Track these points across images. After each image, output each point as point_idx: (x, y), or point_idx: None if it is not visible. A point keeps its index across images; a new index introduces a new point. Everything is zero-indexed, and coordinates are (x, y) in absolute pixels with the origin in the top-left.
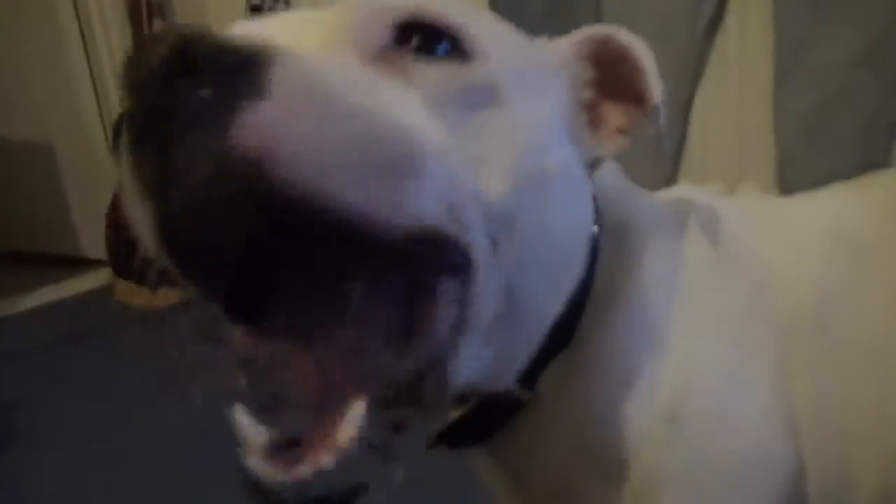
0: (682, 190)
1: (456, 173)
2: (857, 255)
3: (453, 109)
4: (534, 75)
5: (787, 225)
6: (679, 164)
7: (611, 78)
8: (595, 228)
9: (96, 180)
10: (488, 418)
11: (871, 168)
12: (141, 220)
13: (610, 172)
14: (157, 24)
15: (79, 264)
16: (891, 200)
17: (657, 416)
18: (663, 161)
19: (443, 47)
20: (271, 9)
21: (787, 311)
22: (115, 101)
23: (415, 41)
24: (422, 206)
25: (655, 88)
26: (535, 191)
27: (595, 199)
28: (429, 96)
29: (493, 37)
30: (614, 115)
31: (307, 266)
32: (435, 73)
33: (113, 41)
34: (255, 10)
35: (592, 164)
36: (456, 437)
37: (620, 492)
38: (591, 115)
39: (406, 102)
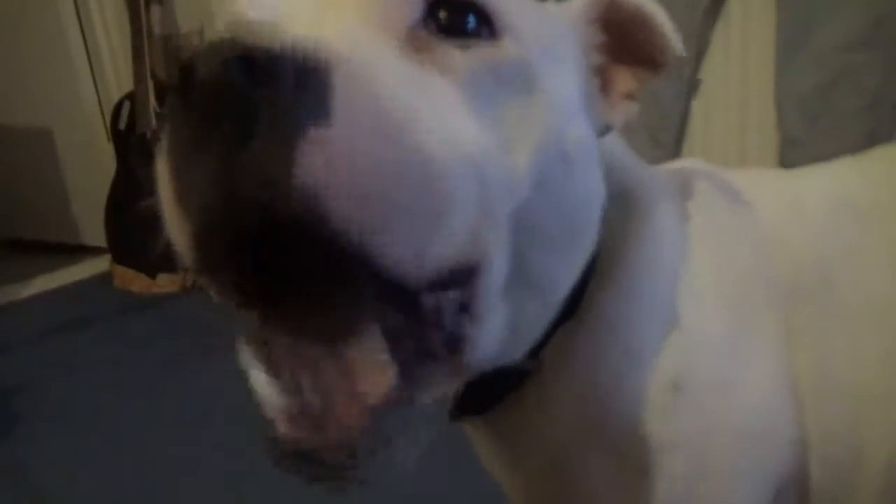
0: (686, 162)
1: (489, 175)
2: (858, 219)
3: (486, 94)
4: (554, 46)
5: (789, 191)
6: (681, 145)
7: (620, 40)
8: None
9: (95, 167)
10: (491, 388)
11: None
12: (177, 221)
13: (614, 142)
14: (155, 11)
15: (77, 252)
16: (890, 168)
17: (661, 386)
18: (664, 141)
19: (471, 21)
20: None
21: (791, 273)
22: (114, 87)
23: (443, 15)
24: (455, 243)
25: (675, 41)
26: (557, 169)
27: (602, 166)
28: (462, 82)
29: (518, 8)
30: (623, 79)
31: (332, 274)
32: (467, 59)
33: (111, 27)
34: None
35: (600, 132)
36: (456, 408)
37: (623, 462)
38: (601, 80)
39: (444, 97)
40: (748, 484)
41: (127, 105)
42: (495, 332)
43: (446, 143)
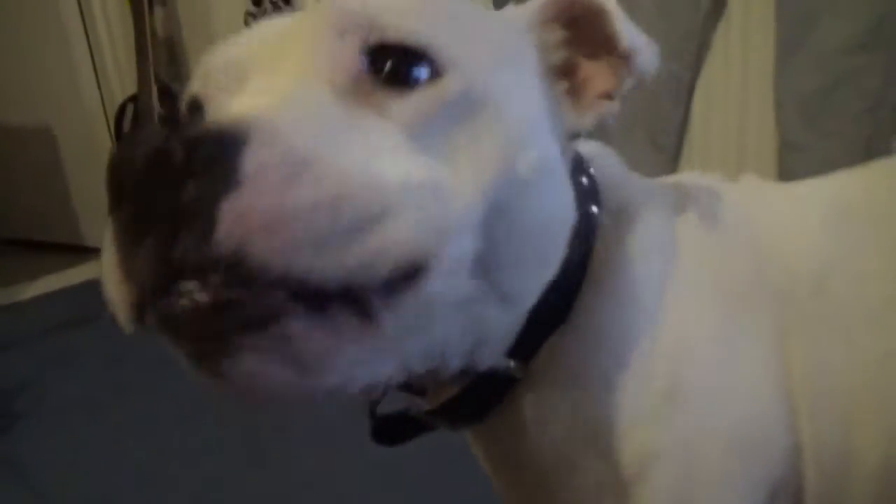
0: (683, 176)
1: (432, 203)
2: (857, 225)
3: (432, 132)
4: (507, 61)
5: (787, 199)
6: (681, 147)
7: (588, 36)
8: (594, 209)
9: (97, 168)
10: (485, 395)
11: (872, 152)
12: (120, 297)
13: (609, 156)
14: (158, 13)
15: (79, 252)
16: (889, 179)
17: (653, 393)
18: (664, 144)
19: (412, 65)
20: None
21: (787, 281)
22: (117, 88)
23: (388, 65)
24: (394, 250)
25: (624, 32)
26: (517, 188)
27: (597, 180)
28: (406, 125)
29: (463, 36)
30: (599, 76)
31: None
32: (409, 103)
33: (114, 27)
34: None
35: (573, 136)
36: (454, 415)
37: (615, 468)
38: (572, 82)
39: (378, 140)
40: (741, 491)
41: (130, 107)
42: (447, 340)
43: (372, 177)
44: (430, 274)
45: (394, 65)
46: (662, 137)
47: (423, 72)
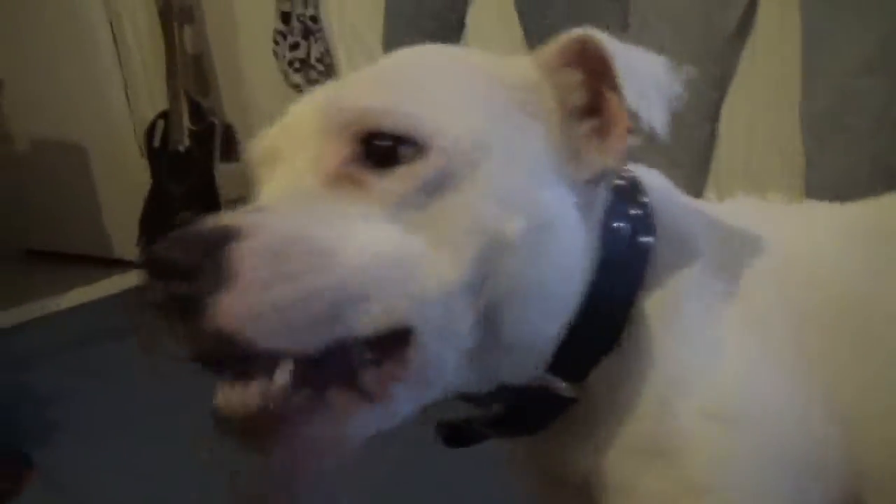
0: (729, 206)
1: (404, 276)
2: (873, 246)
3: (412, 208)
4: (505, 121)
5: (812, 226)
6: (709, 166)
7: (607, 76)
8: (649, 240)
9: (127, 182)
10: (536, 412)
11: (877, 172)
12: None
13: (668, 186)
14: (187, 30)
15: (109, 265)
16: None
17: (707, 416)
18: (682, 161)
19: (400, 151)
20: (300, 15)
21: (823, 306)
22: (146, 104)
23: (376, 149)
24: (368, 323)
25: (630, 89)
26: (506, 252)
27: (652, 210)
28: (388, 204)
29: (451, 109)
30: (623, 113)
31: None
32: (391, 182)
33: (144, 46)
34: (285, 16)
35: (601, 176)
36: (508, 426)
37: (672, 489)
38: (602, 118)
39: (355, 223)
40: None
41: (160, 124)
42: (463, 383)
43: (346, 260)
44: (417, 341)
45: (381, 148)
46: (680, 155)
47: (407, 152)
